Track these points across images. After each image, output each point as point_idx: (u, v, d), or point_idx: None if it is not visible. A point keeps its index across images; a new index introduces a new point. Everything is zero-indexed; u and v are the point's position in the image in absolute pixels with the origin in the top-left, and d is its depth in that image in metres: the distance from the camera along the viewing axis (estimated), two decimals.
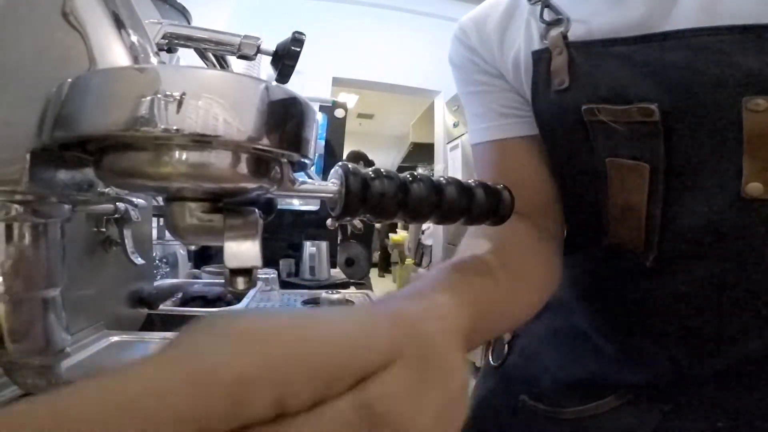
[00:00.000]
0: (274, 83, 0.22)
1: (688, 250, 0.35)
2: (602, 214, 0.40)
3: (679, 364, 0.39)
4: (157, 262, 0.98)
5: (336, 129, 1.79)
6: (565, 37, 0.38)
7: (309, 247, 1.40)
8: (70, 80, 0.21)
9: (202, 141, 0.20)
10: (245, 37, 0.49)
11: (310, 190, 0.27)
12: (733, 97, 0.30)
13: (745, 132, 0.30)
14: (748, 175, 0.31)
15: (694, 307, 0.36)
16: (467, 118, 0.51)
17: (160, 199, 0.27)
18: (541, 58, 0.40)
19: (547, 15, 0.40)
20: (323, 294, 0.89)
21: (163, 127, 0.19)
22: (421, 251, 4.36)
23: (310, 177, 0.28)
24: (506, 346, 0.56)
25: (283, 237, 1.57)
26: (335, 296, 0.88)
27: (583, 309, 0.47)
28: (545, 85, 0.40)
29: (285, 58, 0.48)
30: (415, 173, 0.29)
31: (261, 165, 0.23)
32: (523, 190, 0.36)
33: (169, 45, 0.47)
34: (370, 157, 3.01)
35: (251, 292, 0.87)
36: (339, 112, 1.81)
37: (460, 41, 0.50)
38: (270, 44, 0.50)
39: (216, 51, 0.50)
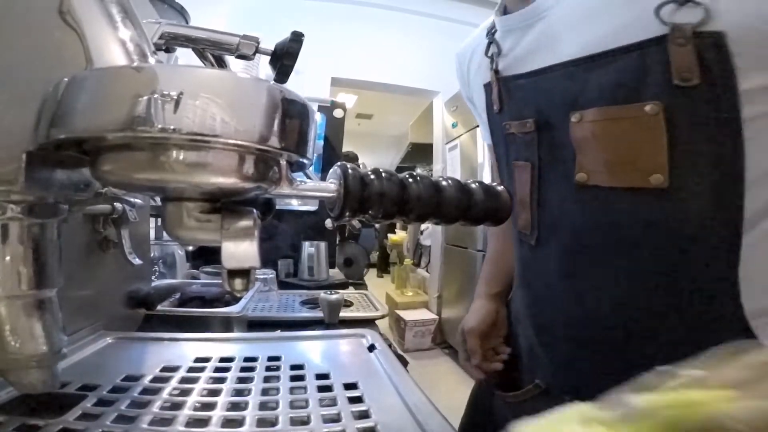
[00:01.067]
0: (273, 83, 0.22)
1: (549, 232, 0.47)
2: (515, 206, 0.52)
3: (566, 356, 0.47)
4: (156, 261, 0.98)
5: (335, 129, 1.79)
6: (497, 72, 0.52)
7: (308, 248, 1.40)
8: (66, 79, 0.21)
9: (199, 141, 0.20)
10: (244, 36, 0.49)
11: (308, 190, 0.26)
12: (566, 113, 0.42)
13: (571, 137, 0.42)
14: (577, 167, 0.42)
15: (558, 287, 0.46)
16: None
17: (158, 198, 0.27)
18: (488, 90, 0.55)
19: (491, 49, 0.53)
20: (321, 294, 0.89)
21: (160, 126, 0.19)
22: (419, 251, 4.36)
23: (308, 177, 0.28)
24: None
25: (282, 237, 1.56)
26: (334, 296, 0.88)
27: (516, 296, 0.59)
28: (491, 110, 0.55)
29: (284, 58, 0.48)
30: (414, 173, 0.29)
31: (259, 165, 0.23)
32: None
33: (167, 44, 0.47)
34: (369, 157, 3.00)
35: (249, 293, 0.86)
36: (338, 112, 1.81)
37: (455, 67, 0.65)
38: (269, 44, 0.50)
39: (214, 51, 0.50)
